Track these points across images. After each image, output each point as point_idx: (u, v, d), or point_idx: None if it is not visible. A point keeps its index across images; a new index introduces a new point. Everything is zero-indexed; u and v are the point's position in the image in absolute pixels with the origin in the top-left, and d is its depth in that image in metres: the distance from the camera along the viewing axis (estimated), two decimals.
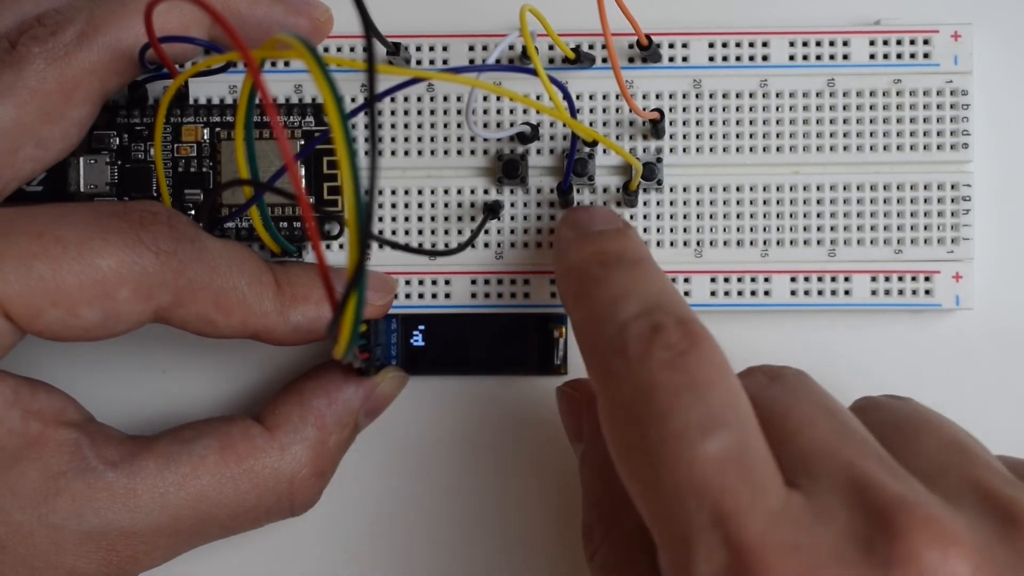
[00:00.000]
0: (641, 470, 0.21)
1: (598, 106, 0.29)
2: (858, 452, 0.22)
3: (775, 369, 0.25)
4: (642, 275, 0.25)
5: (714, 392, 0.21)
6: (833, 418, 0.23)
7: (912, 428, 0.24)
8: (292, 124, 0.29)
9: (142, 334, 0.26)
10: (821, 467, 0.21)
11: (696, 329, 0.23)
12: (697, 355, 0.22)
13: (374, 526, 0.30)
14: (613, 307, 0.24)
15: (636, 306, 0.23)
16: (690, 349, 0.22)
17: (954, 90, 0.29)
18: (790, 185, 0.29)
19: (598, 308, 0.24)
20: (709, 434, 0.21)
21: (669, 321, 0.23)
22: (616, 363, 0.22)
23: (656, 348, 0.22)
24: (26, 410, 0.25)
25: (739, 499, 0.20)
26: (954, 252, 0.29)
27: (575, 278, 0.26)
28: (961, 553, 0.20)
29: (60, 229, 0.24)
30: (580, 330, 0.25)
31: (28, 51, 0.26)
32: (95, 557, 0.26)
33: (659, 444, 0.21)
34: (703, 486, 0.20)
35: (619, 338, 0.23)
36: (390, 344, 0.30)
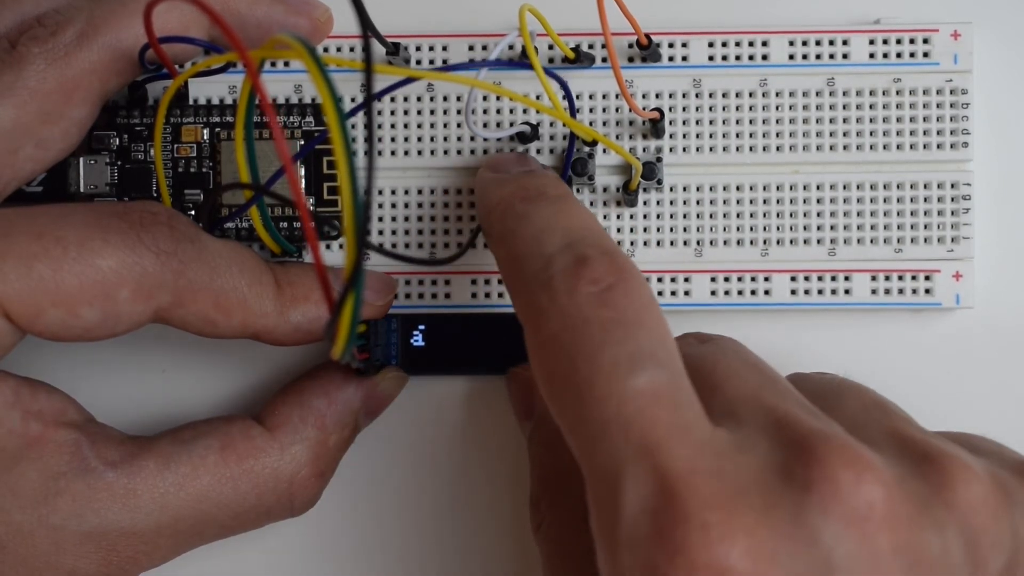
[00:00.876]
0: (571, 404, 0.21)
1: (598, 106, 0.29)
2: (781, 398, 0.22)
3: (706, 334, 0.26)
4: (566, 209, 0.25)
5: (643, 328, 0.22)
6: (759, 371, 0.23)
7: (835, 392, 0.24)
8: (292, 124, 0.29)
9: (142, 334, 0.26)
10: (744, 409, 0.22)
11: (621, 262, 0.23)
12: (624, 289, 0.22)
13: (374, 526, 0.30)
14: (537, 241, 0.24)
15: (560, 239, 0.23)
16: (617, 283, 0.22)
17: (954, 89, 0.29)
18: (790, 184, 0.29)
19: (522, 243, 0.24)
20: (638, 369, 0.21)
21: (594, 253, 0.23)
22: (543, 298, 0.22)
23: (583, 282, 0.22)
24: (26, 411, 0.25)
25: (667, 431, 0.20)
26: (954, 251, 0.29)
27: (498, 216, 0.26)
28: (875, 478, 0.20)
29: (60, 229, 0.24)
30: (505, 266, 0.25)
31: (28, 51, 0.26)
32: (95, 557, 0.26)
33: (589, 379, 0.21)
34: (632, 419, 0.20)
35: (544, 272, 0.23)
36: (390, 344, 0.30)
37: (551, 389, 0.22)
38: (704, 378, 0.23)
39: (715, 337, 0.25)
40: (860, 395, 0.24)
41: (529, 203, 0.25)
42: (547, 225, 0.24)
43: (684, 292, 0.29)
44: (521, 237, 0.24)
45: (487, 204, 0.26)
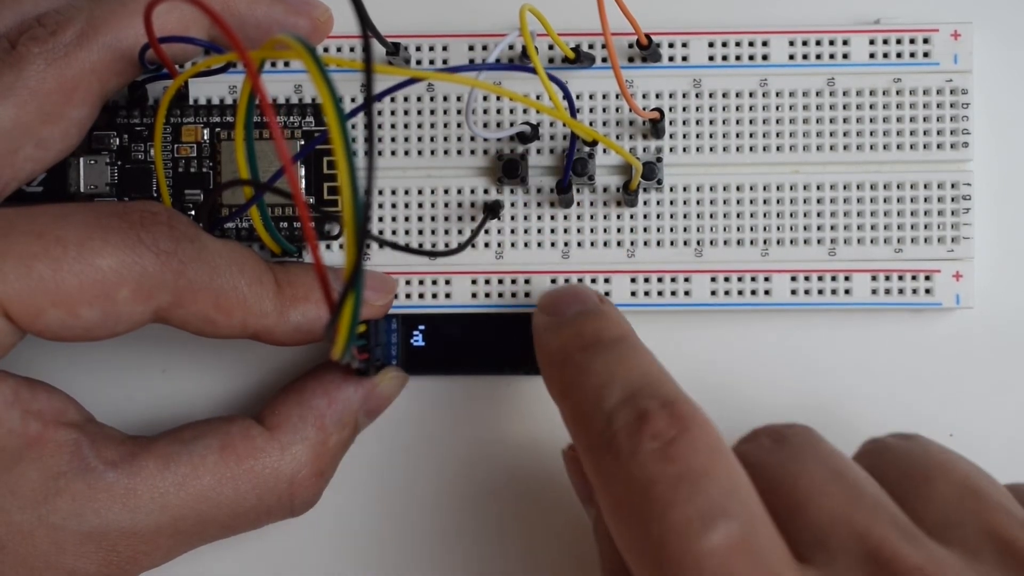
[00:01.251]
0: (648, 569, 0.21)
1: (598, 106, 0.29)
2: (871, 518, 0.21)
3: (779, 430, 0.24)
4: (623, 356, 0.24)
5: (711, 479, 0.21)
6: (843, 482, 0.22)
7: (922, 474, 0.23)
8: (292, 124, 0.29)
9: (142, 334, 0.26)
10: (834, 538, 0.21)
11: (683, 410, 0.22)
12: (688, 440, 0.22)
13: (374, 526, 0.30)
14: (597, 398, 0.23)
15: (620, 393, 0.23)
16: (680, 435, 0.22)
17: (954, 89, 0.29)
18: (790, 184, 0.29)
19: (583, 400, 0.23)
20: (711, 525, 0.20)
21: (654, 406, 0.22)
22: (607, 461, 0.22)
23: (644, 439, 0.22)
24: (26, 410, 0.25)
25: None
26: (954, 251, 0.29)
27: (556, 367, 0.25)
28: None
29: (60, 229, 0.24)
30: (569, 424, 0.24)
31: (28, 51, 0.26)
32: (95, 557, 0.26)
33: (661, 541, 0.20)
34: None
35: (607, 433, 0.22)
36: (390, 344, 0.30)
37: (627, 554, 0.21)
38: (785, 497, 0.22)
39: (789, 433, 0.24)
40: (950, 478, 0.23)
41: (586, 352, 0.24)
42: (606, 378, 0.23)
43: (684, 292, 0.29)
44: (581, 393, 0.24)
45: (545, 355, 0.26)
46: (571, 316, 0.26)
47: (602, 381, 0.23)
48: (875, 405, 0.30)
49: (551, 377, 0.26)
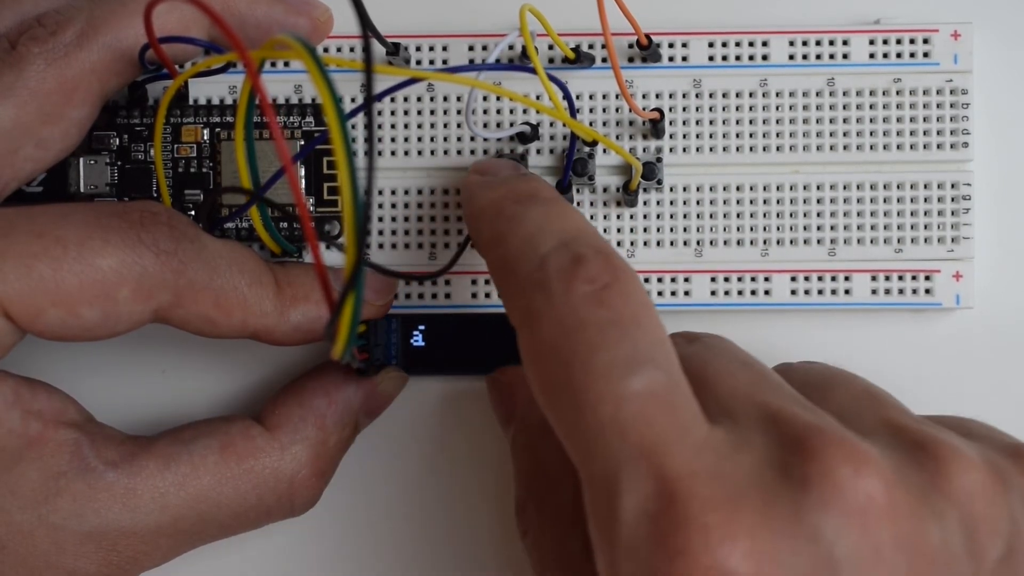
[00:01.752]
0: (567, 409, 0.21)
1: (598, 106, 0.29)
2: (773, 394, 0.22)
3: (693, 333, 0.25)
4: (558, 211, 0.24)
5: (640, 329, 0.21)
6: (750, 368, 0.23)
7: (825, 382, 0.24)
8: (292, 124, 0.29)
9: (142, 334, 0.26)
10: (739, 407, 0.22)
11: (617, 262, 0.22)
12: (620, 289, 0.22)
13: (374, 526, 0.30)
14: (531, 242, 0.23)
15: (554, 239, 0.23)
16: (613, 282, 0.22)
17: (954, 89, 0.29)
18: (790, 184, 0.29)
19: (515, 244, 0.23)
20: (635, 371, 0.21)
21: (589, 252, 0.22)
22: (538, 299, 0.22)
23: (578, 282, 0.22)
24: (26, 410, 0.25)
25: (664, 432, 0.20)
26: (954, 251, 0.29)
27: (488, 218, 0.25)
28: (873, 470, 0.20)
29: (60, 229, 0.24)
30: (497, 270, 0.24)
31: (28, 51, 0.26)
32: (95, 557, 0.26)
33: (585, 383, 0.21)
34: (629, 421, 0.20)
35: (539, 272, 0.22)
36: (390, 344, 0.30)
37: (547, 394, 0.22)
38: (696, 377, 0.22)
39: (703, 336, 0.25)
40: (849, 385, 0.24)
41: (520, 204, 0.25)
42: (540, 226, 0.24)
43: (684, 292, 0.29)
44: (513, 239, 0.24)
45: (476, 207, 0.26)
46: (505, 176, 0.27)
47: (536, 228, 0.23)
48: None
49: (480, 229, 0.25)
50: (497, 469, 0.30)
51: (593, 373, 0.21)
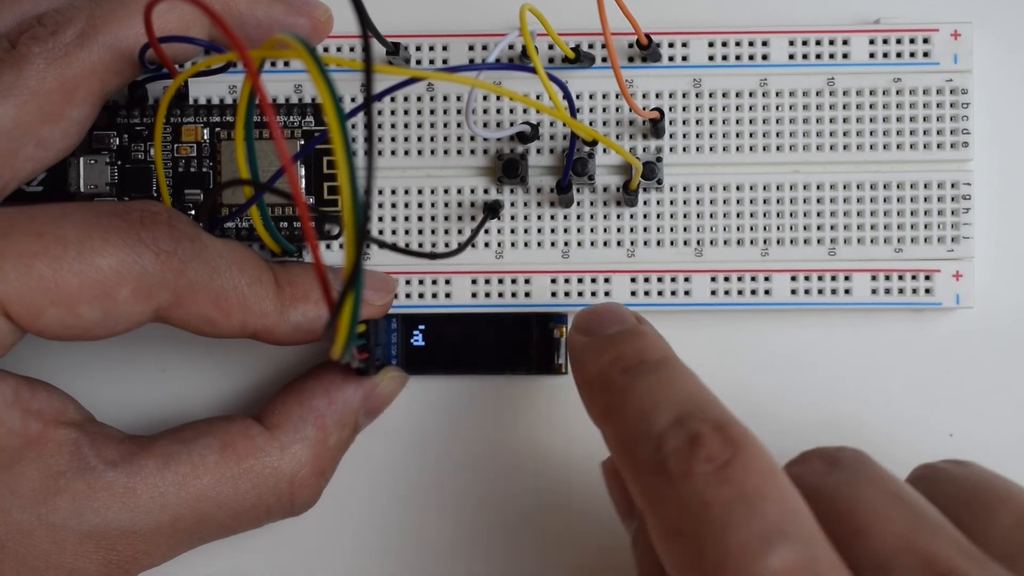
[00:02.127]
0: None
1: (598, 106, 0.29)
2: (935, 542, 0.21)
3: (831, 452, 0.24)
4: (668, 378, 0.23)
5: (768, 501, 0.20)
6: (903, 505, 0.22)
7: (981, 502, 0.23)
8: (292, 124, 0.29)
9: (142, 334, 0.26)
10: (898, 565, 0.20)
11: (735, 433, 0.22)
12: (742, 462, 0.21)
13: (374, 526, 0.30)
14: (644, 421, 0.22)
15: (668, 415, 0.22)
16: (734, 458, 0.21)
17: (954, 89, 0.29)
18: (790, 184, 0.29)
19: (629, 423, 0.23)
20: (771, 547, 0.20)
21: (705, 429, 0.22)
22: (659, 483, 0.21)
23: (697, 462, 0.21)
24: (26, 410, 0.25)
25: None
26: (954, 251, 0.29)
27: (598, 390, 0.24)
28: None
29: (60, 228, 0.24)
30: (614, 447, 0.23)
31: (28, 51, 0.26)
32: (95, 557, 0.26)
33: (719, 564, 0.20)
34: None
35: (657, 456, 0.22)
36: (390, 344, 0.30)
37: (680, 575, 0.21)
38: (844, 523, 0.21)
39: (841, 456, 0.24)
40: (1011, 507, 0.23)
41: (628, 374, 0.24)
42: (652, 400, 0.23)
43: (684, 292, 0.29)
44: (626, 415, 0.23)
45: (585, 377, 0.25)
46: (610, 335, 0.26)
47: (649, 404, 0.23)
48: (875, 405, 0.30)
49: (591, 399, 0.25)
50: (497, 469, 0.30)
51: (727, 554, 0.20)
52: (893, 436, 0.30)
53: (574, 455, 0.30)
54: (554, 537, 0.30)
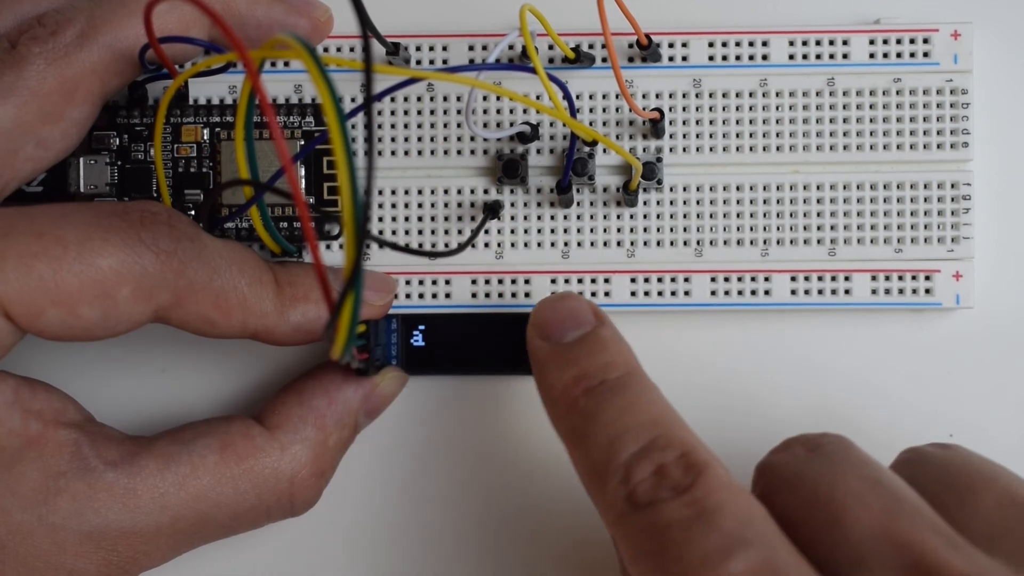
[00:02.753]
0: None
1: (598, 106, 0.29)
2: (912, 527, 0.21)
3: (813, 438, 0.24)
4: (632, 401, 0.24)
5: (725, 514, 0.21)
6: (881, 490, 0.22)
7: (965, 485, 0.23)
8: (292, 124, 0.29)
9: (142, 334, 0.26)
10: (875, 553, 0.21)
11: (697, 459, 0.22)
12: (702, 484, 0.22)
13: (374, 526, 0.30)
14: (611, 450, 0.23)
15: (633, 445, 0.23)
16: (694, 481, 0.22)
17: (954, 89, 0.29)
18: (790, 184, 0.29)
19: (596, 452, 0.24)
20: (731, 555, 0.20)
21: (670, 458, 0.23)
22: (626, 513, 0.22)
23: (663, 491, 0.22)
24: (26, 410, 0.25)
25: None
26: (954, 251, 0.29)
27: (563, 411, 0.25)
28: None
29: (60, 229, 0.24)
30: (582, 474, 0.24)
31: (28, 51, 0.26)
32: (95, 557, 0.26)
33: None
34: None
35: (624, 487, 0.23)
36: (390, 344, 0.30)
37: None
38: (823, 509, 0.22)
39: (823, 441, 0.24)
40: (994, 489, 0.23)
41: (593, 397, 0.25)
42: (617, 428, 0.24)
43: (684, 292, 0.29)
44: (593, 444, 0.24)
45: (549, 394, 0.26)
46: (570, 344, 0.26)
47: (614, 432, 0.23)
48: (875, 405, 0.30)
49: (557, 417, 0.26)
50: (497, 469, 0.30)
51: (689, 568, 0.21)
52: (893, 436, 0.30)
53: None
54: (554, 537, 0.30)
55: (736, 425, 0.30)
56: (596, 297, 0.29)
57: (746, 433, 0.30)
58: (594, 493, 0.24)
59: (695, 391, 0.30)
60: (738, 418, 0.30)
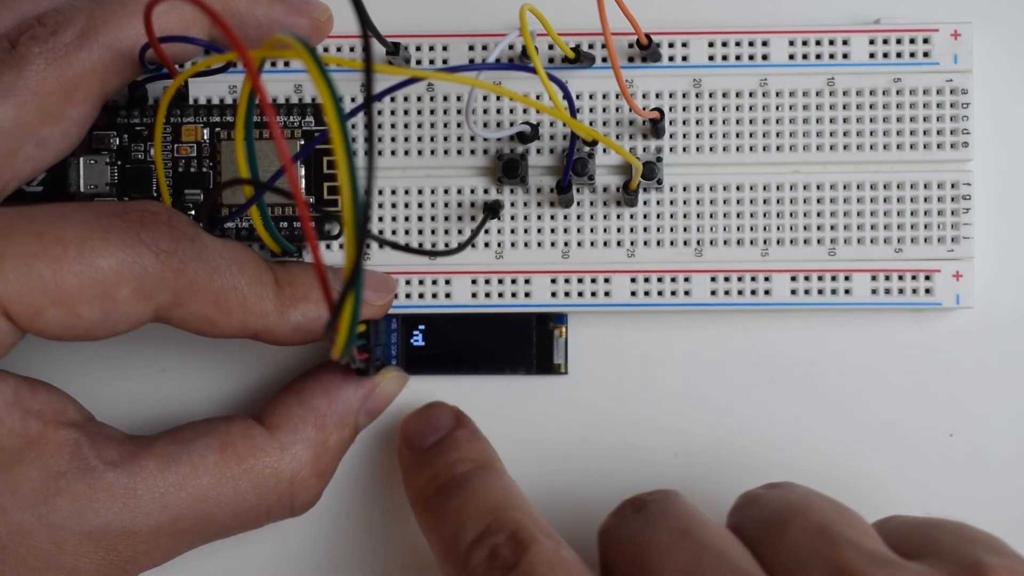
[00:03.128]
0: None
1: (598, 106, 0.29)
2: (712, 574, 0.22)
3: (641, 498, 0.26)
4: (472, 493, 0.26)
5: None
6: (687, 542, 0.23)
7: (779, 521, 0.24)
8: (292, 124, 0.29)
9: (142, 334, 0.26)
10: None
11: (524, 536, 0.24)
12: (527, 559, 0.24)
13: (374, 526, 0.30)
14: (455, 540, 0.25)
15: (472, 533, 0.25)
16: (519, 558, 0.24)
17: (954, 89, 0.29)
18: (790, 184, 0.29)
19: (444, 543, 0.26)
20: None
21: (501, 539, 0.24)
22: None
23: (494, 572, 0.24)
24: (26, 410, 0.25)
25: None
26: (954, 251, 0.29)
27: (420, 510, 0.28)
28: None
29: (60, 229, 0.24)
30: (438, 563, 0.26)
31: (28, 51, 0.26)
32: (95, 557, 0.26)
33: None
34: None
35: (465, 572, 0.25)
36: (390, 344, 0.30)
37: None
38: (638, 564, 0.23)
39: (648, 500, 0.25)
40: (803, 521, 0.24)
41: (440, 495, 0.27)
42: (459, 520, 0.26)
43: (684, 292, 0.29)
44: (442, 536, 0.26)
45: (410, 497, 0.28)
46: (427, 449, 0.28)
47: (457, 524, 0.26)
48: (875, 405, 0.30)
49: (417, 517, 0.28)
50: None
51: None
52: (893, 436, 0.30)
53: (573, 455, 0.30)
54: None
55: (736, 425, 0.30)
56: (596, 297, 0.29)
57: (746, 433, 0.30)
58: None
59: (694, 392, 0.30)
60: (739, 418, 0.30)
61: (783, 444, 0.30)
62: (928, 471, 0.30)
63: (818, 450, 0.30)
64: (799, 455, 0.30)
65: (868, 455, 0.30)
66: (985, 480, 0.30)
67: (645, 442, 0.30)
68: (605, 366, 0.30)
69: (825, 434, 0.30)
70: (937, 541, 0.23)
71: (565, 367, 0.30)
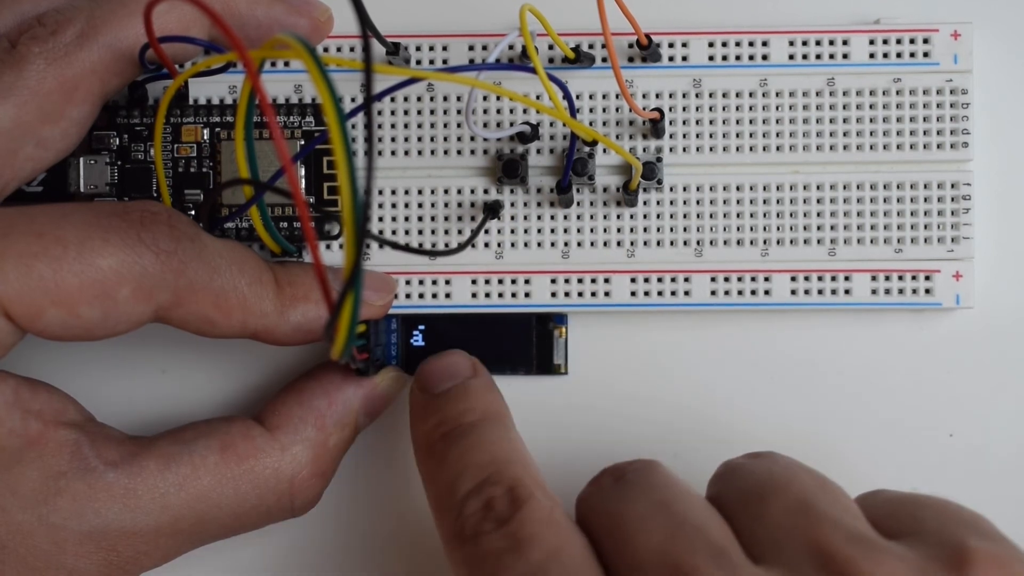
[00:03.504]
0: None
1: (598, 106, 0.29)
2: (687, 549, 0.22)
3: (620, 467, 0.25)
4: (476, 442, 0.26)
5: (534, 545, 0.23)
6: (664, 514, 0.23)
7: (759, 494, 0.23)
8: (292, 124, 0.29)
9: (142, 334, 0.26)
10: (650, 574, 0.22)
11: (522, 492, 0.24)
12: (520, 516, 0.23)
13: (374, 526, 0.30)
14: (451, 489, 0.25)
15: (470, 483, 0.25)
16: (512, 516, 0.23)
17: (954, 89, 0.29)
18: (790, 184, 0.29)
19: (441, 491, 0.25)
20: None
21: (498, 492, 0.24)
22: (458, 546, 0.24)
23: (487, 524, 0.24)
24: (26, 410, 0.25)
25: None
26: (954, 251, 0.29)
27: (423, 455, 0.27)
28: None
29: (60, 229, 0.24)
30: (432, 509, 0.26)
31: (28, 51, 0.26)
32: (95, 557, 0.26)
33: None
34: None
35: (458, 522, 0.24)
36: (390, 344, 0.30)
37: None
38: (615, 535, 0.23)
39: (627, 469, 0.25)
40: (783, 495, 0.23)
41: (445, 441, 0.26)
42: (459, 468, 0.25)
43: (684, 292, 0.29)
44: (439, 483, 0.26)
45: (414, 440, 0.28)
46: (439, 394, 0.28)
47: (456, 472, 0.25)
48: (875, 405, 0.30)
49: (419, 462, 0.27)
50: None
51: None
52: (893, 436, 0.30)
53: (573, 455, 0.30)
54: None
55: (736, 425, 0.30)
56: (596, 297, 0.29)
57: (746, 433, 0.30)
58: (439, 531, 0.25)
59: (694, 392, 0.30)
60: (739, 418, 0.30)
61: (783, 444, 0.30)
62: (928, 471, 0.30)
63: (818, 450, 0.30)
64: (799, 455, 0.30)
65: (868, 455, 0.30)
66: (985, 480, 0.30)
67: (645, 442, 0.30)
68: (605, 366, 0.30)
69: (825, 434, 0.30)
70: (921, 519, 0.23)
71: (565, 367, 0.30)
